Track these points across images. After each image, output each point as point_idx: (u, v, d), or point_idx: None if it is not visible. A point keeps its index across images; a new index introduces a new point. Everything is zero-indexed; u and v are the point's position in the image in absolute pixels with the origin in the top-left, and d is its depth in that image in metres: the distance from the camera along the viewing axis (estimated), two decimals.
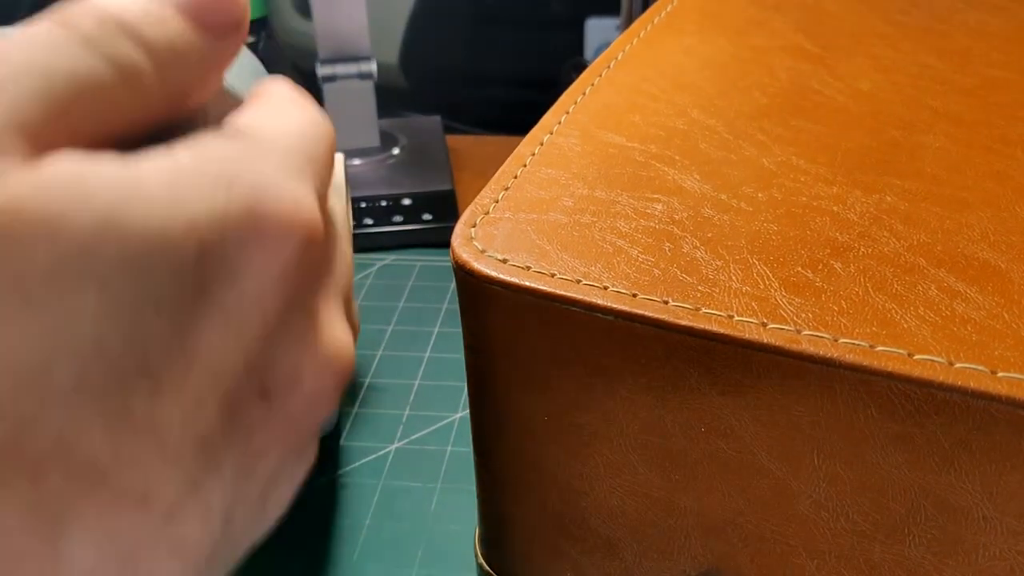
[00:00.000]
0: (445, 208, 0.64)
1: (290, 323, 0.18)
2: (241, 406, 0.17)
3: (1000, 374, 0.20)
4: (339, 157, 0.50)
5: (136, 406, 0.15)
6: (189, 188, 0.16)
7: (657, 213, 0.26)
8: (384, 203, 0.64)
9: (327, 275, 0.20)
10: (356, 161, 0.69)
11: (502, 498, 0.29)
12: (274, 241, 0.17)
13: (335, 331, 0.19)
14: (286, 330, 0.18)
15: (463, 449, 0.45)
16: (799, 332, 0.22)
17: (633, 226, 0.26)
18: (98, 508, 0.15)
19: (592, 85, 0.34)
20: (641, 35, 0.38)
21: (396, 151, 0.70)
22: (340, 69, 0.66)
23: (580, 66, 0.67)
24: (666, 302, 0.23)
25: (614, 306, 0.23)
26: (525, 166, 0.29)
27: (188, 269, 0.15)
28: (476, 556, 0.32)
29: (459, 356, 0.52)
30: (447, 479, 0.44)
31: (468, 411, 0.29)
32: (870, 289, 0.23)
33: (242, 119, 0.19)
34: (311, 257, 0.18)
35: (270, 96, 0.21)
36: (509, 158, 0.29)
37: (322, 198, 0.19)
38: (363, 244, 0.61)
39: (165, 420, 0.15)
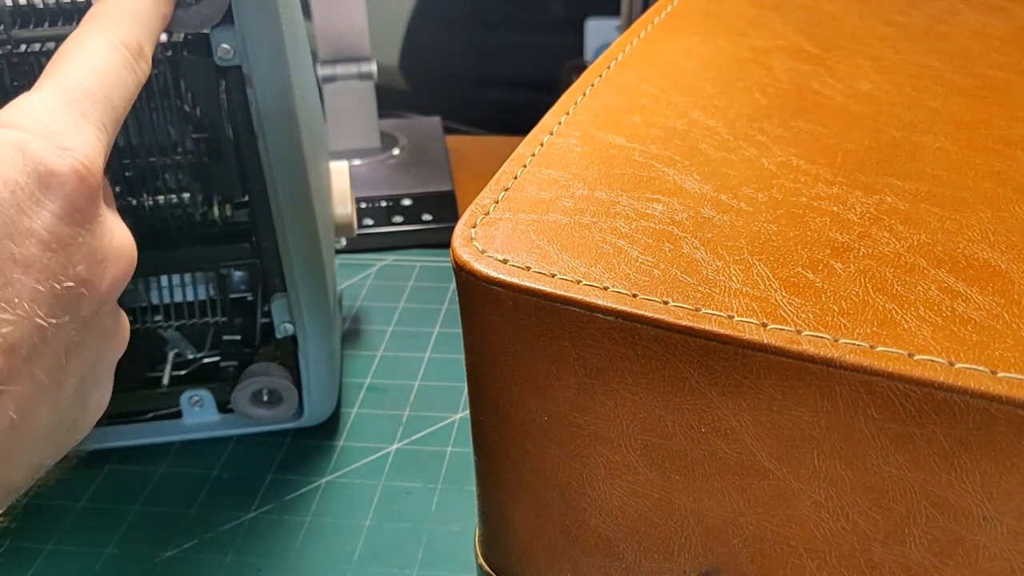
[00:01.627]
0: (445, 208, 0.64)
1: (89, 225, 0.25)
2: (69, 283, 0.24)
3: (1000, 374, 0.20)
4: (343, 165, 0.50)
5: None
6: None
7: (657, 214, 0.26)
8: (384, 203, 0.64)
9: (104, 191, 0.26)
10: (356, 161, 0.69)
11: (502, 498, 0.29)
12: (59, 186, 0.24)
13: (118, 230, 0.27)
14: (88, 230, 0.25)
15: (463, 449, 0.45)
16: (799, 332, 0.22)
17: (633, 227, 0.26)
18: None
19: (592, 86, 0.34)
20: (641, 36, 0.38)
21: (396, 152, 0.70)
22: (340, 70, 0.66)
23: (580, 67, 0.67)
24: (666, 302, 0.23)
25: (614, 306, 0.23)
26: (525, 167, 0.29)
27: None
28: (476, 556, 0.32)
29: (459, 356, 0.52)
30: (447, 479, 0.44)
31: (468, 411, 0.29)
32: (870, 289, 0.23)
33: (45, 80, 0.27)
34: (90, 187, 0.25)
35: (80, 34, 0.28)
36: (509, 159, 0.29)
37: (138, 46, 0.29)
38: (363, 244, 0.61)
39: (17, 294, 0.23)
